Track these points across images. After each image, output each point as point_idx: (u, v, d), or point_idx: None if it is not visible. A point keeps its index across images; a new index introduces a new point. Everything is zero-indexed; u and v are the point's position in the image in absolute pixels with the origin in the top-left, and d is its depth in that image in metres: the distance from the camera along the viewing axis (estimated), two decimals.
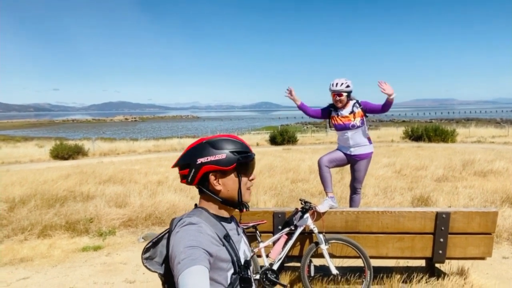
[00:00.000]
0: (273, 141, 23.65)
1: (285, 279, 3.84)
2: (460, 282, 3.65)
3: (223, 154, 1.22)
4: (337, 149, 3.90)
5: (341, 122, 3.76)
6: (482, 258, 3.62)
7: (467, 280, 3.70)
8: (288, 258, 4.03)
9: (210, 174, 1.22)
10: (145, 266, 1.25)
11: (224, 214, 1.29)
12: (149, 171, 10.88)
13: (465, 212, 3.49)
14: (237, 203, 1.28)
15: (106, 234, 5.94)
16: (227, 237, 1.21)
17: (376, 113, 3.75)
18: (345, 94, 3.67)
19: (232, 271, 1.18)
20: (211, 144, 1.24)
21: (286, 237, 3.54)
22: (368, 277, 3.42)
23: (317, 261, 3.87)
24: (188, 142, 25.93)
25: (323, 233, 3.52)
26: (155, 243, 1.27)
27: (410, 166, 10.08)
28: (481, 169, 9.11)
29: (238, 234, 1.33)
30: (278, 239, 3.52)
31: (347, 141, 3.76)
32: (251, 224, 3.53)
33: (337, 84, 3.67)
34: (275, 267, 3.48)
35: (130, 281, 4.27)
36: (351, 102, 3.77)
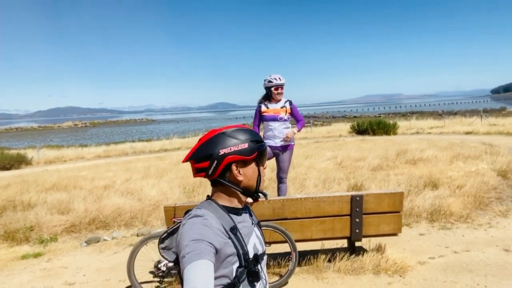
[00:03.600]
0: None
1: None
2: (378, 257, 4.10)
3: (245, 143, 1.24)
4: None
5: (271, 113, 4.11)
6: (394, 234, 4.09)
7: (383, 255, 4.14)
8: None
9: (233, 164, 1.24)
10: (162, 256, 1.28)
11: (238, 205, 1.30)
12: (96, 176, 10.66)
13: (375, 194, 3.93)
14: (253, 192, 1.31)
15: (47, 241, 5.86)
16: (234, 229, 1.20)
17: (295, 120, 4.27)
18: (283, 87, 4.10)
19: (237, 264, 1.18)
20: (231, 135, 1.24)
21: None
22: (294, 259, 3.74)
23: None
24: (142, 145, 25.42)
25: None
26: (170, 234, 1.29)
27: (350, 158, 10.72)
28: (412, 158, 9.91)
29: (249, 227, 1.32)
30: None
31: (274, 132, 4.10)
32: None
33: (278, 78, 4.08)
34: None
35: (70, 283, 4.30)
36: (284, 99, 4.16)
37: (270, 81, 4.05)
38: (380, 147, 13.01)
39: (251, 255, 1.22)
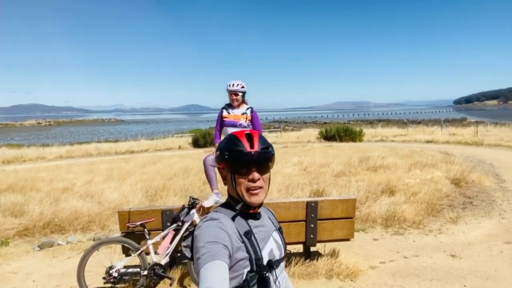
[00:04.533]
0: (196, 143, 23.65)
1: (176, 273, 4.06)
2: (331, 261, 4.21)
3: (218, 151, 1.27)
4: None
5: (231, 119, 4.15)
6: (347, 239, 4.22)
7: (337, 259, 4.26)
8: (180, 254, 4.27)
9: (221, 169, 1.30)
10: (184, 254, 1.28)
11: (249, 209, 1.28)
12: (56, 178, 10.29)
13: (330, 200, 4.04)
14: (244, 203, 1.25)
15: None
16: (248, 233, 1.20)
17: (253, 127, 4.31)
18: (240, 94, 4.14)
19: (248, 268, 1.17)
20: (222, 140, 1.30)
21: (173, 232, 3.76)
22: None
23: None
24: (108, 146, 24.74)
25: None
26: (191, 233, 1.27)
27: (316, 163, 10.93)
28: (373, 165, 10.25)
29: (267, 232, 1.29)
30: (166, 235, 3.73)
31: None
32: (138, 223, 3.68)
33: (233, 84, 4.10)
34: (163, 262, 3.68)
35: None
36: (246, 106, 4.20)
37: (227, 87, 4.11)
38: (345, 154, 13.35)
39: (265, 261, 1.21)
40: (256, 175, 1.22)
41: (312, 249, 4.40)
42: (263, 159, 1.24)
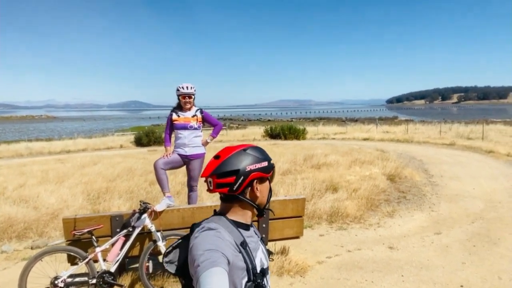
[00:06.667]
0: (139, 142, 22.85)
1: (126, 279, 3.94)
2: (282, 259, 4.36)
3: (265, 161, 1.30)
4: (173, 151, 4.20)
5: (182, 122, 4.12)
6: (297, 237, 4.39)
7: (287, 257, 4.42)
8: (130, 259, 4.16)
9: (255, 181, 1.29)
10: (166, 270, 1.26)
11: (247, 220, 1.32)
12: None
13: (280, 200, 4.18)
14: (263, 208, 1.35)
15: None
16: (243, 244, 1.22)
17: (211, 126, 4.32)
18: (193, 96, 4.12)
19: (246, 279, 1.18)
20: (252, 153, 1.30)
21: (123, 239, 3.65)
22: None
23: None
24: (40, 146, 22.95)
25: (161, 231, 3.75)
26: (174, 248, 1.28)
27: None
28: (317, 162, 10.70)
29: (256, 242, 1.33)
30: (116, 241, 3.61)
31: (183, 140, 4.11)
32: (85, 230, 3.52)
33: (187, 87, 4.06)
34: (112, 269, 3.55)
35: None
36: (195, 108, 4.19)
37: (178, 90, 4.07)
38: (290, 152, 13.76)
39: (258, 270, 1.24)
40: None
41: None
42: None
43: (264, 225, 4.11)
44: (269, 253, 1.43)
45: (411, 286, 3.88)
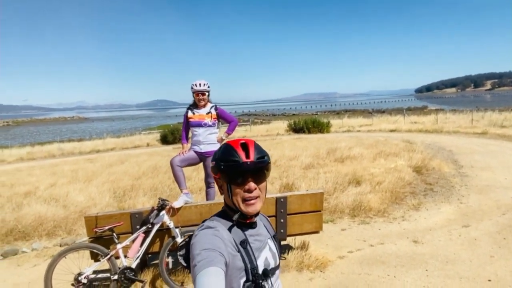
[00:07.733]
0: (164, 140, 23.29)
1: (148, 275, 4.03)
2: (301, 254, 4.31)
3: (214, 161, 1.26)
4: (190, 148, 4.24)
5: (196, 119, 4.15)
6: (316, 232, 4.34)
7: (307, 252, 4.38)
8: (151, 255, 4.24)
9: (217, 180, 1.28)
10: (181, 263, 1.27)
11: (251, 218, 1.28)
12: (17, 182, 9.85)
13: (298, 195, 4.14)
14: (241, 213, 1.23)
15: None
16: (244, 243, 1.20)
17: (227, 122, 4.31)
18: (207, 93, 4.12)
19: (244, 279, 1.16)
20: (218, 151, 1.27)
21: (143, 235, 3.72)
22: None
23: None
24: (71, 146, 23.87)
25: (179, 227, 3.80)
26: (188, 242, 1.26)
27: (285, 157, 11.09)
28: (341, 156, 10.53)
29: (262, 241, 1.29)
30: (136, 238, 3.69)
31: (198, 138, 4.14)
32: (106, 228, 3.62)
33: (200, 84, 4.08)
34: (133, 265, 3.64)
35: None
36: (210, 105, 4.21)
37: (191, 87, 4.09)
38: (313, 146, 13.61)
39: (260, 270, 1.20)
40: (252, 185, 1.19)
41: (283, 243, 4.50)
42: (259, 169, 1.21)
43: (282, 220, 4.08)
44: (281, 251, 1.39)
45: (436, 281, 3.74)
